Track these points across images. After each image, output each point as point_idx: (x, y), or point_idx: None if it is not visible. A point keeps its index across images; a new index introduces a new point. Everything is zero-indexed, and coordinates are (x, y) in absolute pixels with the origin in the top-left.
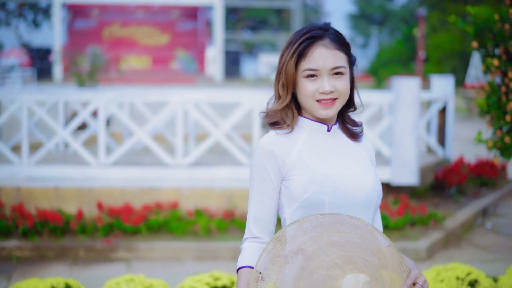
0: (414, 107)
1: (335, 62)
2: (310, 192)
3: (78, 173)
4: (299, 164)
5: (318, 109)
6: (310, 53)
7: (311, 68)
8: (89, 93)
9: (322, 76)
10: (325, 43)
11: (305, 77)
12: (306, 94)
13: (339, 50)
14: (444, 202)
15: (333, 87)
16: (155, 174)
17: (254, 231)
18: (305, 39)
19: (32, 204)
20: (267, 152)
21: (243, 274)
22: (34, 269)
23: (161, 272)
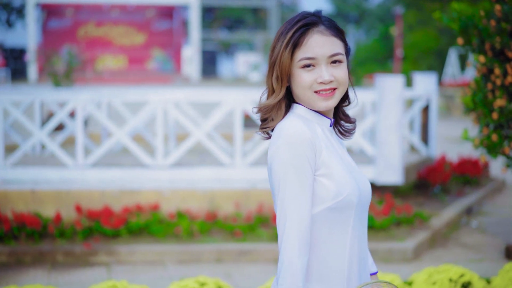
0: (398, 106)
1: (333, 49)
2: (345, 194)
3: (55, 175)
4: (329, 162)
5: (317, 100)
6: (305, 41)
7: (307, 57)
8: (66, 93)
9: (319, 65)
10: (320, 30)
11: (301, 67)
12: (304, 86)
13: (336, 36)
14: (429, 201)
15: (332, 76)
16: (135, 176)
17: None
18: (299, 27)
19: (8, 208)
20: (309, 143)
21: None
22: (11, 275)
23: (143, 277)
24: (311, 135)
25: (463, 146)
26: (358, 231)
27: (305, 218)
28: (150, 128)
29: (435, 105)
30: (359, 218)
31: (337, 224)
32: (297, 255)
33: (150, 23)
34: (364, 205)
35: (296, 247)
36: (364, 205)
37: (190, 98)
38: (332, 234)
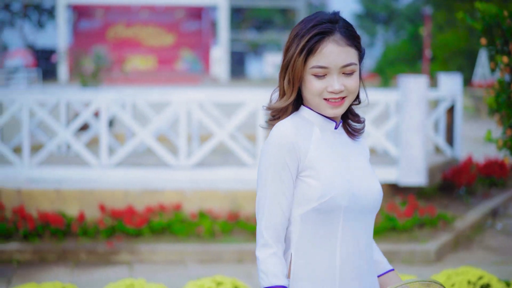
0: (421, 106)
1: (346, 60)
2: (329, 196)
3: (79, 174)
4: (317, 163)
5: (326, 108)
6: (320, 50)
7: (320, 65)
8: (91, 93)
9: (331, 74)
10: (336, 39)
11: (313, 74)
12: (314, 92)
13: (351, 46)
14: (453, 203)
15: (343, 85)
16: (158, 176)
17: (267, 238)
18: (314, 34)
19: (33, 206)
20: (288, 144)
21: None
22: (34, 273)
23: (164, 276)
24: (294, 138)
25: (491, 147)
26: (352, 234)
27: (276, 215)
28: (174, 128)
29: (460, 106)
30: (354, 221)
31: (324, 225)
32: (263, 251)
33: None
34: (361, 209)
35: (261, 242)
36: (362, 209)
37: (213, 98)
38: (320, 235)
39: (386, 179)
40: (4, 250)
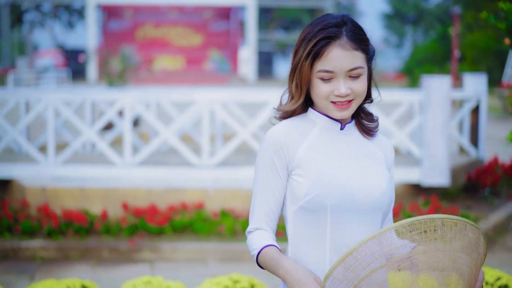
0: (445, 106)
1: (352, 64)
2: (313, 195)
3: (103, 173)
4: (306, 162)
5: (333, 110)
6: (326, 54)
7: (326, 69)
8: (115, 93)
9: (338, 78)
10: (342, 43)
11: (320, 78)
12: (321, 96)
13: (357, 49)
14: (477, 204)
15: (350, 89)
16: (180, 175)
17: (258, 224)
18: (320, 38)
19: (57, 204)
20: (275, 144)
21: (271, 252)
22: (57, 269)
23: (184, 274)
24: (282, 139)
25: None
26: (344, 235)
27: (265, 211)
28: (198, 128)
29: (484, 106)
30: (347, 221)
31: (313, 224)
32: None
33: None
34: (357, 210)
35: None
36: (358, 209)
37: (236, 97)
38: (310, 233)
39: (409, 179)
40: (28, 247)
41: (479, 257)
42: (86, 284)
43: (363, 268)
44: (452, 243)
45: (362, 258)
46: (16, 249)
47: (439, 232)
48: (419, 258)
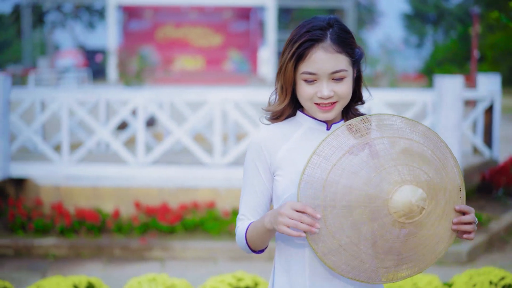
0: (457, 106)
1: (335, 66)
2: (288, 194)
3: (116, 172)
4: (285, 163)
5: (317, 111)
6: (309, 56)
7: (309, 71)
8: (129, 93)
9: (321, 80)
10: (325, 46)
11: (304, 79)
12: (304, 97)
13: (340, 52)
14: (490, 204)
15: (332, 91)
16: (192, 174)
17: (240, 224)
18: (304, 40)
19: (71, 203)
20: (257, 147)
21: (253, 223)
22: (69, 267)
23: (194, 272)
24: (263, 141)
25: None
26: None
27: (250, 209)
28: (212, 128)
29: (498, 106)
30: None
31: None
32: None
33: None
34: None
35: (236, 227)
36: None
37: (248, 97)
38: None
39: None
40: (41, 245)
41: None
42: (93, 281)
43: (327, 161)
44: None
45: (324, 154)
46: (29, 246)
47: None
48: (376, 141)
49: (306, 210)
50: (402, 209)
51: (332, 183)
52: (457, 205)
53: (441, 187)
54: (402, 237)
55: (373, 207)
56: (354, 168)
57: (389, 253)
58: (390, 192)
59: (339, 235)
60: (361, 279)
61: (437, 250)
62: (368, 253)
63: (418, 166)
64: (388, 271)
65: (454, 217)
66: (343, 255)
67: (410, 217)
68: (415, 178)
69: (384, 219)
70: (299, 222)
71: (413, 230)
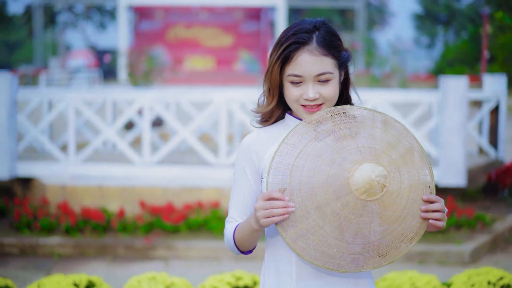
0: (462, 107)
1: (320, 69)
2: None
3: (122, 171)
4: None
5: (303, 113)
6: (295, 59)
7: (295, 74)
8: (135, 93)
9: (307, 83)
10: (310, 49)
11: (290, 82)
12: (291, 99)
13: (326, 55)
14: (496, 205)
15: (318, 93)
16: (197, 174)
17: (229, 226)
18: (290, 43)
19: (76, 202)
20: (246, 150)
21: (240, 224)
22: (73, 266)
23: (198, 271)
24: (250, 144)
25: None
26: None
27: (238, 210)
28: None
29: (504, 107)
30: None
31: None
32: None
33: (237, 25)
34: None
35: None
36: None
37: (253, 97)
38: (276, 234)
39: None
40: (46, 244)
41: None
42: (93, 280)
43: (295, 148)
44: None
45: (292, 142)
46: (34, 245)
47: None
48: (341, 127)
49: (272, 195)
50: (362, 185)
51: (298, 168)
52: (424, 194)
53: (406, 170)
54: (365, 217)
55: (335, 186)
56: (318, 152)
57: (355, 236)
58: (351, 170)
59: (305, 219)
60: (331, 266)
61: (407, 237)
62: (334, 236)
63: (381, 149)
64: (356, 257)
65: (423, 205)
66: (311, 240)
67: (372, 194)
68: (376, 157)
69: (347, 197)
70: (273, 209)
71: (376, 209)
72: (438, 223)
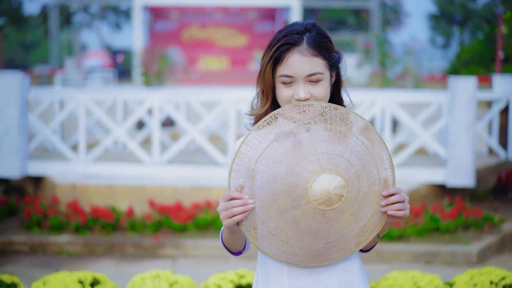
0: (470, 107)
1: (311, 69)
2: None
3: (131, 171)
4: None
5: None
6: (286, 59)
7: (286, 74)
8: (144, 92)
9: (297, 83)
10: (301, 50)
11: (282, 82)
12: (282, 99)
13: (317, 56)
14: (505, 206)
15: (309, 93)
16: (206, 173)
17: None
18: (281, 44)
19: (86, 201)
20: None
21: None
22: (82, 264)
23: (205, 270)
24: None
25: None
26: None
27: None
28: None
29: None
30: None
31: None
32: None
33: (252, 25)
34: None
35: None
36: None
37: None
38: None
39: (434, 180)
40: (55, 242)
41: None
42: (98, 277)
43: (255, 151)
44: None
45: (252, 143)
46: (44, 243)
47: (318, 112)
48: (300, 131)
49: (232, 195)
50: (320, 197)
51: (258, 172)
52: (384, 190)
53: (365, 173)
54: (325, 223)
55: (294, 196)
56: (278, 158)
57: (316, 238)
58: (309, 181)
59: (267, 222)
60: (294, 262)
61: (367, 232)
62: (295, 239)
63: (339, 154)
64: (318, 254)
65: (382, 200)
66: (273, 241)
67: (329, 205)
68: (334, 166)
69: (306, 206)
70: (233, 209)
71: (334, 216)
72: (398, 213)
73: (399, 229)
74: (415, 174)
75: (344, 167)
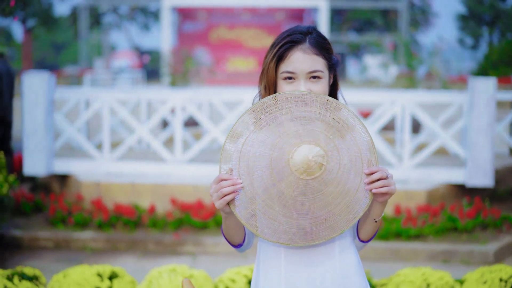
0: (490, 107)
1: (312, 66)
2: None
3: (154, 169)
4: None
5: None
6: (288, 57)
7: (288, 70)
8: (167, 93)
9: (299, 79)
10: (303, 48)
11: (283, 79)
12: None
13: (318, 55)
14: None
15: (309, 90)
16: None
17: None
18: (284, 42)
19: (109, 198)
20: None
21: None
22: (104, 260)
23: (224, 266)
24: None
25: None
26: None
27: None
28: None
29: None
30: None
31: None
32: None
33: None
34: None
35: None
36: None
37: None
38: None
39: (454, 180)
40: (79, 238)
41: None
42: (116, 271)
43: (242, 136)
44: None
45: (240, 130)
46: (68, 239)
47: (299, 98)
48: (282, 112)
49: (221, 177)
50: (301, 166)
51: (245, 153)
52: (366, 168)
53: (345, 147)
54: (309, 194)
55: (278, 169)
56: (262, 138)
57: (302, 212)
58: (290, 152)
59: (256, 200)
60: (285, 241)
61: (353, 209)
62: (283, 214)
63: (319, 130)
64: (307, 231)
65: (366, 178)
66: (263, 219)
67: (311, 173)
68: (314, 139)
69: (289, 178)
70: (223, 189)
71: (318, 186)
72: (381, 190)
73: (417, 228)
74: (435, 174)
75: (324, 140)
